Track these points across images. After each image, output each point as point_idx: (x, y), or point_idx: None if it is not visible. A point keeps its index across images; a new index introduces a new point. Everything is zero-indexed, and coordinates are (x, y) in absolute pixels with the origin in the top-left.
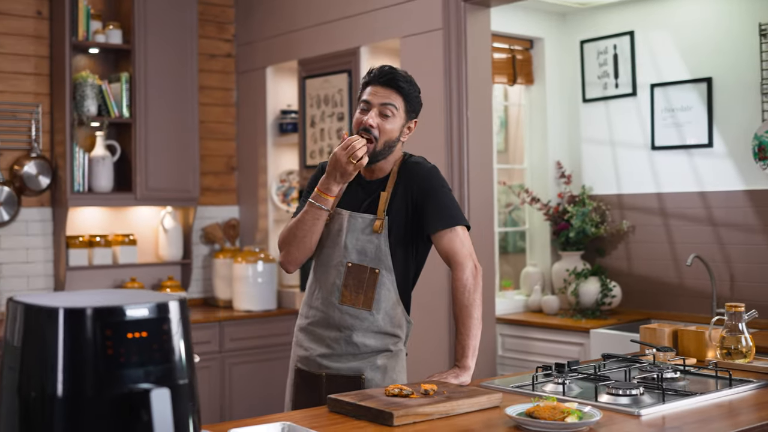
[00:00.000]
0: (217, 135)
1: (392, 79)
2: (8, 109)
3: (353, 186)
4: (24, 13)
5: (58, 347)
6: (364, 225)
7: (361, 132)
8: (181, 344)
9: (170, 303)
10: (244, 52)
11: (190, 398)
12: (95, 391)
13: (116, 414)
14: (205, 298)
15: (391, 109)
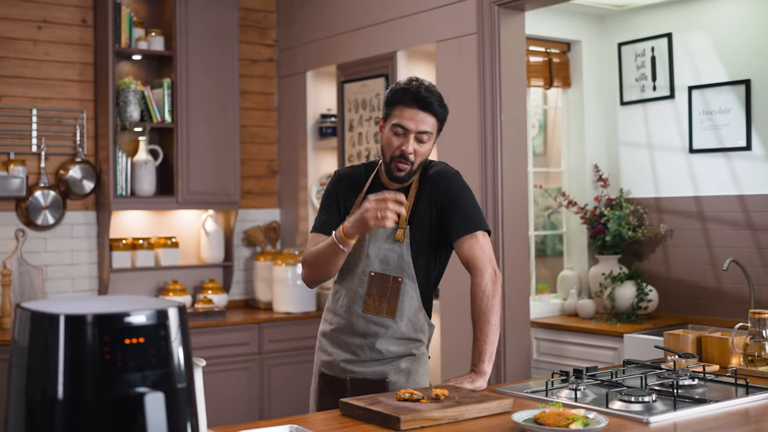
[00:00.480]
0: (258, 139)
1: (428, 104)
2: (54, 115)
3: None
4: (70, 22)
5: (59, 352)
6: (386, 234)
7: (397, 160)
8: (180, 350)
9: (168, 310)
10: (286, 56)
11: (188, 403)
12: (93, 394)
13: (113, 417)
14: (247, 300)
15: (427, 135)
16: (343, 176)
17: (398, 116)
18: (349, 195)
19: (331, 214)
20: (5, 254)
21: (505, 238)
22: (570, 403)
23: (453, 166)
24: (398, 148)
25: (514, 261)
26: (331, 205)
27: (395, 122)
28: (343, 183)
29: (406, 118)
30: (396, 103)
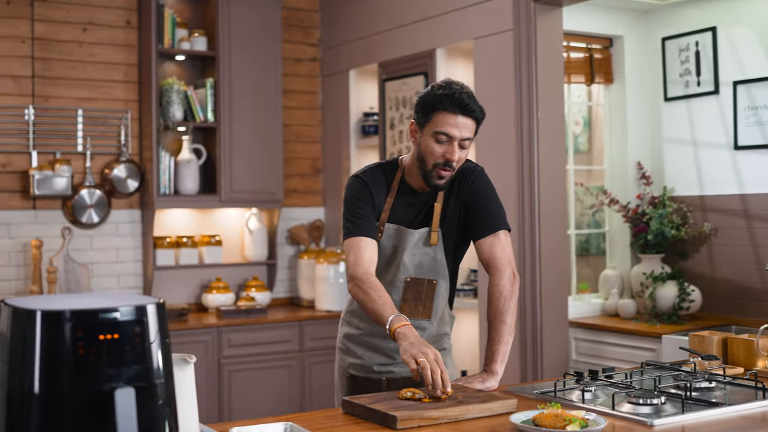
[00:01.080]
0: (302, 138)
1: (473, 110)
2: (99, 115)
3: (405, 199)
4: (114, 24)
5: (36, 347)
6: (419, 239)
7: (441, 168)
8: (156, 346)
9: (146, 306)
10: (329, 55)
11: (165, 399)
12: (67, 389)
13: (87, 411)
14: (291, 298)
15: (469, 142)
16: (368, 179)
17: (441, 123)
18: (380, 197)
19: (368, 218)
20: (52, 252)
21: (542, 237)
22: (574, 404)
23: (490, 163)
24: (442, 155)
25: (551, 260)
26: (366, 209)
27: (438, 130)
28: (372, 185)
29: (450, 125)
30: (437, 109)
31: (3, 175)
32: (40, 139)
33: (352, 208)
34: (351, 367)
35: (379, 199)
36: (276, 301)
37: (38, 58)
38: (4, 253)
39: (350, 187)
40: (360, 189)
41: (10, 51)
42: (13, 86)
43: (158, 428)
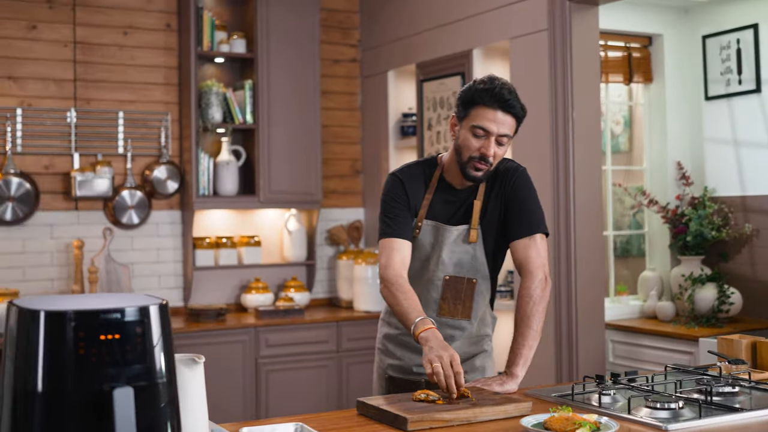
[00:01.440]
0: (341, 139)
1: (512, 106)
2: (140, 117)
3: (444, 196)
4: (154, 27)
5: (39, 346)
6: (458, 236)
7: (477, 161)
8: (159, 346)
9: (148, 308)
10: (369, 56)
11: (168, 399)
12: (69, 388)
13: (88, 410)
14: (330, 299)
15: (507, 138)
16: (404, 177)
17: (479, 118)
18: (417, 194)
19: (402, 218)
20: (93, 252)
21: (577, 238)
22: (589, 408)
23: (525, 164)
24: (478, 149)
25: (586, 261)
26: (401, 208)
27: (476, 124)
28: (408, 183)
29: (488, 120)
30: (476, 104)
31: (46, 176)
32: (82, 142)
33: (387, 208)
34: (390, 368)
35: (415, 197)
36: (315, 301)
37: (80, 61)
38: (46, 253)
39: (386, 186)
40: (395, 188)
41: (52, 55)
42: (55, 89)
43: (160, 428)
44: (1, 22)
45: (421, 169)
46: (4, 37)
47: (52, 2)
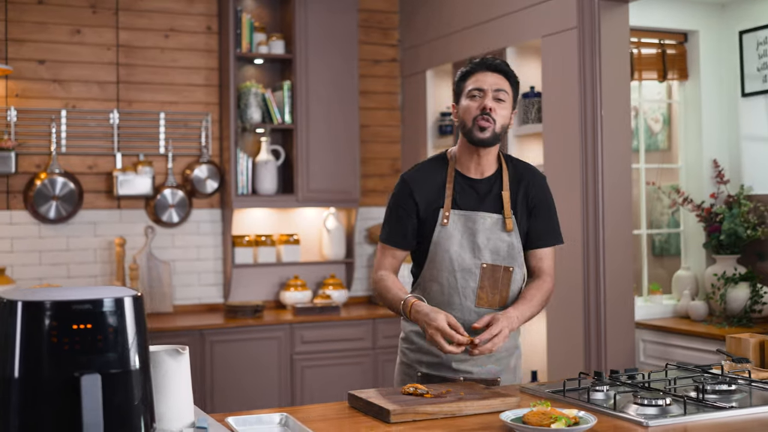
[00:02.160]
0: (381, 138)
1: (498, 66)
2: (181, 118)
3: (464, 187)
4: (195, 30)
5: (16, 335)
6: (492, 224)
7: (480, 118)
8: (130, 336)
9: (117, 299)
10: (408, 56)
11: (139, 386)
12: (43, 374)
13: (60, 396)
14: (369, 297)
15: (503, 94)
16: (414, 180)
17: (472, 82)
18: (430, 195)
19: (402, 226)
20: (135, 249)
21: (606, 237)
22: (576, 403)
23: (555, 164)
24: (478, 107)
25: (615, 260)
26: (404, 214)
27: (470, 87)
28: (419, 185)
29: (479, 81)
30: (467, 76)
31: (89, 176)
32: (124, 142)
33: (390, 213)
34: (425, 366)
35: (428, 196)
36: (353, 299)
37: (123, 64)
38: (90, 250)
39: (395, 189)
40: (401, 193)
41: (96, 58)
42: (99, 91)
43: (132, 413)
44: (47, 27)
45: (434, 166)
46: (50, 41)
47: (96, 7)
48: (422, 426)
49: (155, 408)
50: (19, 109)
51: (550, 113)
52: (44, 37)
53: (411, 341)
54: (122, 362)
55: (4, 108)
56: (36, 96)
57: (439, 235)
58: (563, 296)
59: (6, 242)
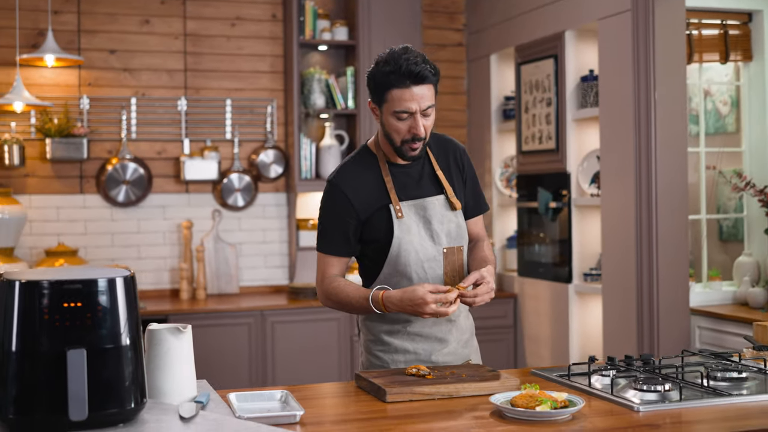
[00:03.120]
0: (447, 122)
1: (421, 76)
2: (247, 104)
3: (400, 175)
4: (261, 18)
5: (14, 311)
6: (440, 206)
7: (410, 143)
8: (121, 314)
9: (109, 279)
10: (474, 40)
11: (131, 361)
12: (36, 348)
13: (51, 368)
14: None
15: (431, 109)
16: (345, 182)
17: (397, 102)
18: (366, 194)
19: (341, 231)
20: (202, 232)
21: (659, 222)
22: (574, 386)
23: (611, 148)
24: (408, 131)
25: (669, 245)
26: (342, 220)
27: (397, 109)
28: (351, 188)
29: (407, 100)
30: (388, 88)
31: (158, 161)
32: (192, 128)
33: (323, 220)
34: (401, 364)
35: (361, 197)
36: None
37: (190, 52)
38: (159, 232)
39: (324, 196)
40: (331, 198)
41: (164, 47)
42: (167, 79)
43: (120, 387)
44: (118, 18)
45: (361, 163)
46: (121, 31)
47: None
48: (416, 406)
49: (157, 383)
50: (91, 97)
51: (606, 97)
52: (115, 28)
53: (383, 342)
54: (112, 339)
55: (77, 97)
56: (107, 85)
57: (399, 230)
58: (618, 282)
59: (80, 225)
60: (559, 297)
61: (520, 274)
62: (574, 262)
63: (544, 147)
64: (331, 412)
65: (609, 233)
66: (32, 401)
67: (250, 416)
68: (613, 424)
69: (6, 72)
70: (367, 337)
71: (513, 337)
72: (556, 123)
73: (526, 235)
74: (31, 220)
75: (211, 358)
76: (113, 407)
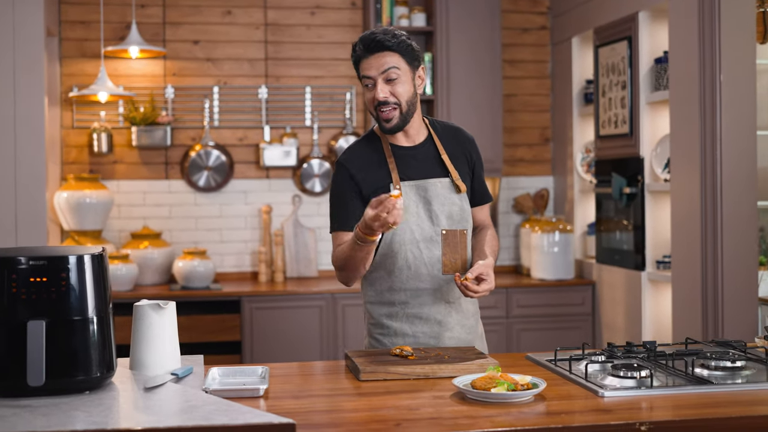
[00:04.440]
0: (530, 107)
1: (378, 43)
2: (326, 91)
3: (404, 157)
4: (340, 6)
5: None
6: (442, 188)
7: (378, 110)
8: (87, 289)
9: (76, 257)
10: (558, 23)
11: (97, 334)
12: (7, 319)
13: (18, 338)
14: (516, 266)
15: (394, 71)
16: (350, 162)
17: (362, 70)
18: (371, 174)
19: (349, 209)
20: (282, 217)
21: (724, 209)
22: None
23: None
24: (373, 98)
25: (736, 233)
26: (349, 198)
27: (361, 75)
28: (356, 167)
29: (366, 68)
30: (357, 64)
31: (240, 148)
32: (272, 115)
33: (334, 201)
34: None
35: (369, 174)
36: (498, 268)
37: (270, 41)
38: (241, 217)
39: (333, 176)
40: (338, 178)
41: (246, 37)
42: (248, 68)
43: (86, 358)
44: (201, 10)
45: (367, 144)
46: (203, 23)
47: None
48: (386, 385)
49: (140, 356)
50: (175, 87)
51: (675, 79)
52: (198, 19)
53: (383, 325)
54: (80, 311)
55: (163, 86)
56: (191, 74)
57: None
58: (685, 270)
59: (165, 209)
60: (633, 285)
61: (598, 261)
62: (647, 250)
63: (619, 131)
64: (301, 387)
65: (678, 220)
66: (1, 367)
67: (214, 389)
68: (568, 407)
69: (93, 64)
70: (369, 321)
71: (591, 325)
72: (630, 107)
73: (603, 222)
74: (119, 205)
75: (283, 338)
76: (80, 375)
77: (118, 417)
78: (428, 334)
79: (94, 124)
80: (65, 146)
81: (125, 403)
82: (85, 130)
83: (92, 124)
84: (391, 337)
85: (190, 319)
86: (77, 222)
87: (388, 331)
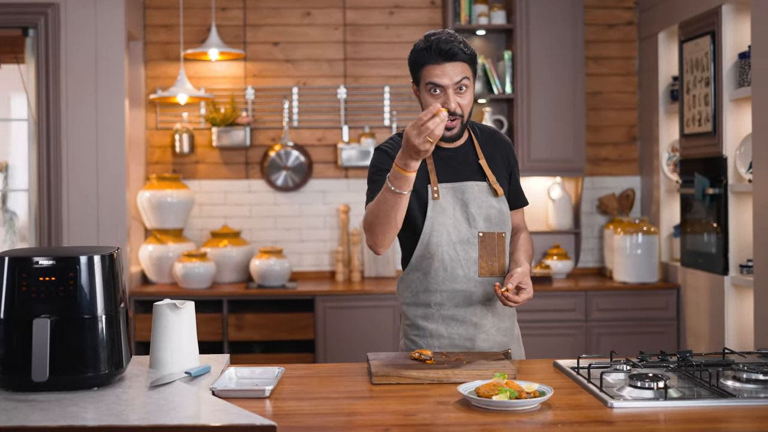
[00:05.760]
0: (616, 105)
1: (455, 53)
2: (405, 91)
3: (440, 158)
4: (419, 5)
5: (3, 284)
6: (480, 191)
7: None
8: (96, 288)
9: (87, 257)
10: (644, 18)
11: (106, 332)
12: (17, 317)
13: (28, 334)
14: (600, 268)
15: (465, 81)
16: (393, 149)
17: (429, 76)
18: None
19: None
20: (361, 217)
21: None
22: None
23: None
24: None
25: None
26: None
27: (428, 81)
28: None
29: (437, 75)
30: (422, 65)
31: (319, 148)
32: (351, 115)
33: (372, 177)
34: (435, 349)
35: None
36: (581, 270)
37: (349, 42)
38: (320, 216)
39: (373, 158)
40: (382, 160)
41: (325, 37)
42: (327, 69)
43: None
44: (280, 12)
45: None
46: (283, 24)
47: None
48: (397, 389)
49: (158, 354)
50: (256, 88)
51: (758, 75)
52: (278, 21)
53: (418, 327)
54: (89, 310)
55: (243, 88)
56: (271, 75)
57: (433, 210)
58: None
59: (245, 208)
60: (716, 289)
61: (683, 264)
62: (730, 253)
63: (703, 130)
64: (311, 389)
65: (761, 223)
66: (10, 363)
67: (221, 389)
68: (571, 417)
69: (176, 66)
70: (405, 322)
71: (675, 330)
72: (713, 104)
73: (688, 224)
74: (201, 204)
75: (356, 337)
76: (88, 372)
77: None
78: (463, 336)
79: (176, 125)
80: (149, 147)
81: (125, 400)
82: (168, 131)
83: (174, 125)
84: (427, 338)
85: (265, 317)
86: (159, 220)
87: (424, 332)
